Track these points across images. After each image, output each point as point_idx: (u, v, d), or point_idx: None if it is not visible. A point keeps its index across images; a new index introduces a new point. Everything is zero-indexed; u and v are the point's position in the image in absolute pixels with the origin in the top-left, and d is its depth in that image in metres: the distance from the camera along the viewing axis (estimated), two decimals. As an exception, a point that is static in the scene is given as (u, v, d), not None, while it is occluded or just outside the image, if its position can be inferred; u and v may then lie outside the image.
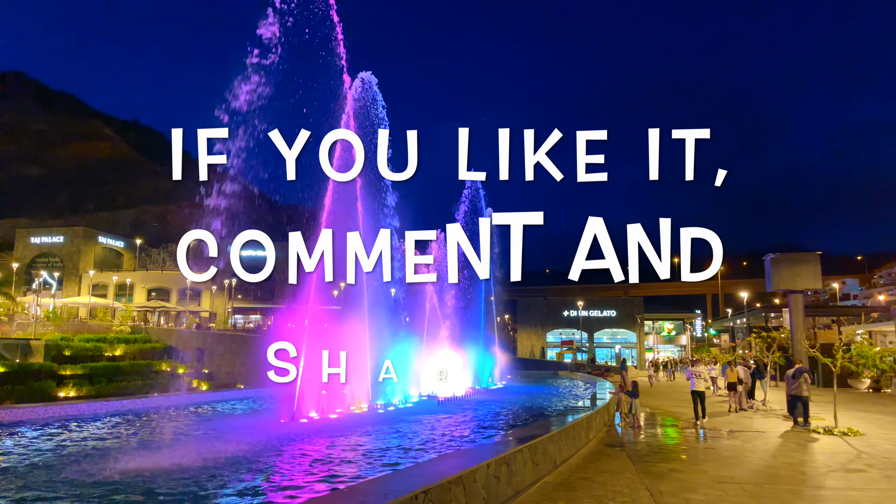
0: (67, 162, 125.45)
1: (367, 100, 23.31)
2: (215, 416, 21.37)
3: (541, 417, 19.67)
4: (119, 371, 42.58)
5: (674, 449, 14.60)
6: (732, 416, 21.73)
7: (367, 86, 23.48)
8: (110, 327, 56.99)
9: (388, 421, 19.13)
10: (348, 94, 22.85)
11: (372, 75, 23.94)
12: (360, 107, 23.11)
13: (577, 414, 14.52)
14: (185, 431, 16.76)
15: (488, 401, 27.78)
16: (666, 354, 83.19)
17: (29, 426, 17.04)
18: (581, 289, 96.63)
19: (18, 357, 39.18)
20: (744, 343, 59.85)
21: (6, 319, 54.35)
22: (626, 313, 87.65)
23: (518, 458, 9.00)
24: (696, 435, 17.09)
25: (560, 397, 31.02)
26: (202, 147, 10.24)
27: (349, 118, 22.17)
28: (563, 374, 56.04)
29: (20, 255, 79.14)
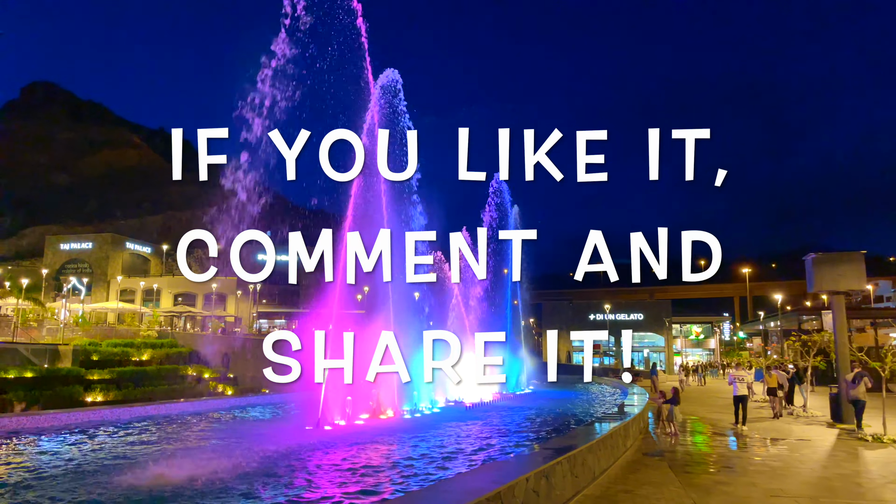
0: (96, 170, 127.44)
1: (391, 98, 22.97)
2: (239, 422, 21.08)
3: (575, 425, 19.04)
4: (146, 376, 42.72)
5: (717, 458, 13.88)
6: (773, 422, 20.90)
7: (390, 84, 23.15)
8: (138, 332, 57.41)
9: (416, 428, 18.62)
10: (373, 94, 22.55)
11: (396, 73, 23.60)
12: (385, 104, 22.78)
13: (613, 421, 13.87)
14: (207, 440, 16.40)
15: (517, 407, 27.11)
16: (694, 358, 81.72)
17: (53, 433, 16.87)
18: (605, 292, 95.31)
19: (47, 362, 39.45)
20: (777, 347, 58.33)
21: (35, 325, 54.99)
22: (654, 316, 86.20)
23: (557, 470, 8.43)
24: (737, 442, 16.33)
25: (590, 403, 30.26)
26: (202, 147, 9.94)
27: (373, 117, 21.86)
28: (591, 379, 55.01)
29: (50, 262, 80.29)
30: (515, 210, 40.80)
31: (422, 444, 15.67)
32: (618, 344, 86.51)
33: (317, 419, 17.71)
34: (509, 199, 39.82)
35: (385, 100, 23.32)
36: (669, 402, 16.86)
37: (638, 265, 9.21)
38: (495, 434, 17.99)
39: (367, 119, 22.61)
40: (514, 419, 22.40)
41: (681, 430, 17.66)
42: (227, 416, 22.97)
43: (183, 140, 10.64)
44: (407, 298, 23.43)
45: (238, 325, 70.87)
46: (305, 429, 17.54)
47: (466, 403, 25.84)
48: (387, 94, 23.47)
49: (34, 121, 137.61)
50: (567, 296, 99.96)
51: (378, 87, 22.85)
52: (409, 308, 23.86)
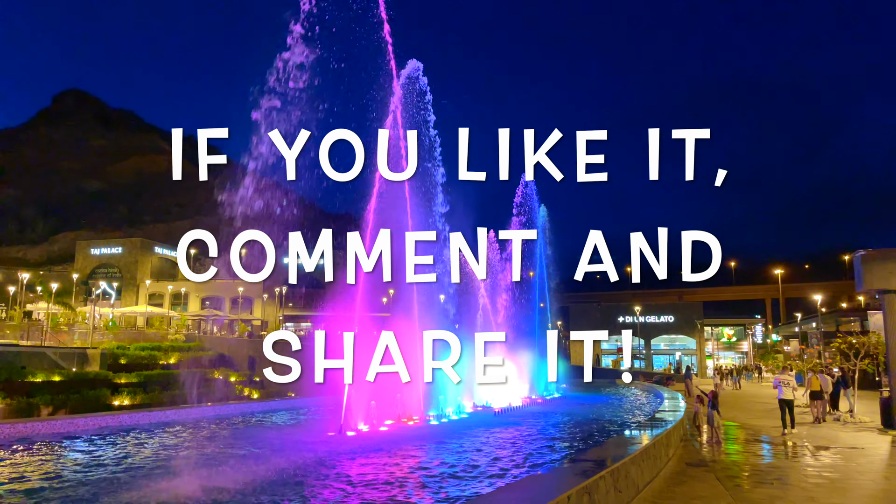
0: (126, 176, 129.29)
1: (415, 96, 22.42)
2: (262, 428, 20.56)
3: (611, 432, 18.13)
4: (173, 379, 42.63)
5: (766, 469, 12.93)
6: (818, 428, 19.81)
7: (413, 82, 22.60)
8: (165, 336, 57.67)
9: (443, 435, 17.88)
10: (395, 92, 22.02)
11: (420, 73, 23.02)
12: (407, 103, 22.23)
13: (653, 428, 13.01)
14: (229, 447, 15.84)
15: (548, 412, 26.22)
16: (726, 361, 79.75)
17: (73, 438, 16.53)
18: (633, 294, 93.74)
19: (75, 366, 39.60)
20: (817, 349, 56.42)
21: (66, 329, 55.54)
22: (685, 319, 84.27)
23: (601, 485, 7.68)
24: (785, 451, 15.34)
25: (624, 408, 29.23)
26: (202, 147, 9.91)
27: (396, 115, 21.32)
28: (621, 383, 53.64)
29: (80, 266, 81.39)
30: (543, 211, 39.96)
31: (448, 453, 14.92)
32: (647, 347, 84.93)
33: (339, 425, 17.10)
34: (537, 199, 39.04)
35: (410, 101, 22.84)
36: (709, 406, 15.89)
37: (638, 265, 9.18)
38: (527, 442, 17.19)
39: (389, 119, 22.18)
40: (545, 426, 21.55)
41: (722, 437, 16.70)
42: (252, 420, 22.54)
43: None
44: (432, 301, 22.79)
45: (265, 328, 70.95)
46: (328, 435, 16.97)
47: (494, 408, 25.04)
48: (412, 93, 22.99)
49: (66, 128, 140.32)
50: (594, 298, 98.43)
51: (403, 78, 22.32)
52: (435, 310, 23.20)
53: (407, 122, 21.93)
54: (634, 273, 9.26)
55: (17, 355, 36.93)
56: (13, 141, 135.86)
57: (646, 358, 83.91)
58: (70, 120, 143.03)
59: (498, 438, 17.73)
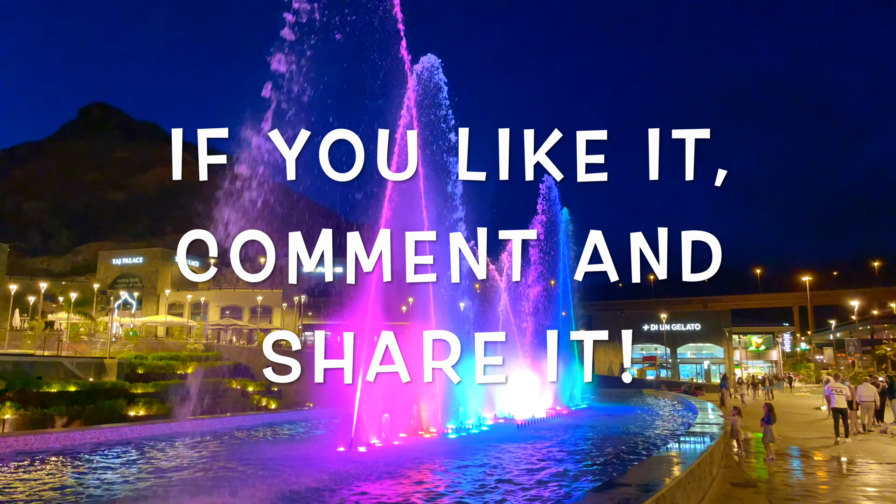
0: (149, 187, 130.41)
1: (431, 94, 21.63)
2: (269, 441, 19.48)
3: (649, 449, 16.82)
4: (189, 389, 42.07)
5: (823, 491, 11.66)
6: (862, 441, 18.43)
7: (428, 79, 21.80)
8: (185, 345, 57.33)
9: (462, 451, 16.69)
10: (410, 89, 21.22)
11: (441, 76, 22.22)
12: (422, 103, 21.48)
13: (695, 445, 11.84)
14: (222, 465, 14.62)
15: (574, 424, 24.84)
16: (754, 370, 77.51)
17: (78, 452, 15.75)
18: (657, 302, 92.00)
19: (92, 376, 39.21)
20: (854, 357, 54.33)
21: (86, 339, 55.43)
22: (712, 326, 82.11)
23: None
24: (838, 467, 14.05)
25: (655, 420, 27.78)
26: (202, 147, 10.20)
27: (411, 112, 20.56)
28: (648, 393, 51.94)
29: (102, 277, 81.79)
30: (565, 213, 38.78)
31: (467, 473, 13.73)
32: (673, 356, 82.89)
33: (349, 439, 16.01)
34: (559, 200, 37.91)
35: (426, 102, 22.15)
36: (764, 421, 14.61)
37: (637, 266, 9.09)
38: (554, 460, 15.90)
39: (402, 118, 21.49)
40: (573, 440, 20.24)
41: (774, 455, 15.41)
42: (264, 433, 21.64)
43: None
44: (451, 308, 21.77)
45: (283, 337, 70.37)
46: (338, 450, 15.91)
47: (517, 420, 23.80)
48: (429, 93, 22.25)
49: (91, 140, 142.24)
50: (617, 306, 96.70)
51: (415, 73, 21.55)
52: (455, 318, 22.13)
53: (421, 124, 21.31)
54: (634, 273, 9.16)
55: (32, 365, 36.60)
56: (39, 153, 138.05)
57: (672, 367, 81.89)
58: (95, 132, 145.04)
59: (522, 454, 16.48)
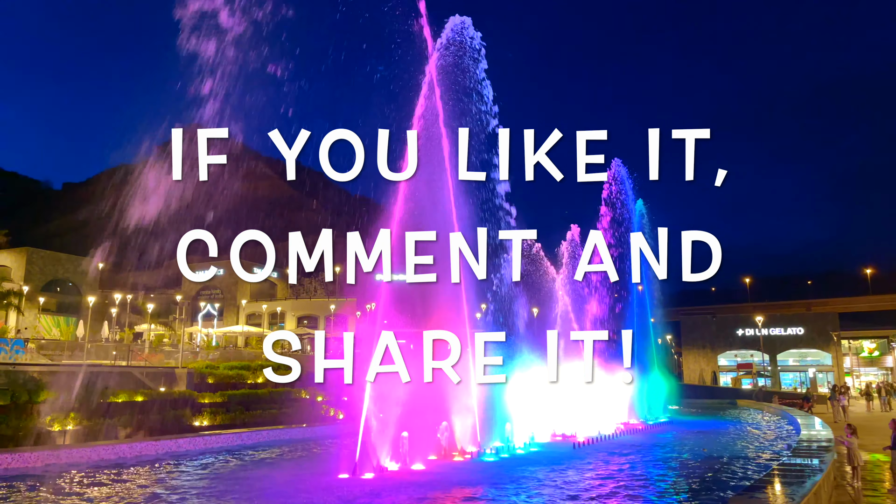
0: (233, 203, 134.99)
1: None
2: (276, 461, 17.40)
3: (735, 482, 13.54)
4: (257, 399, 41.78)
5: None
6: None
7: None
8: (260, 355, 57.66)
9: (496, 479, 13.88)
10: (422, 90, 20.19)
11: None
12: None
13: (797, 478, 9.10)
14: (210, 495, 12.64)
15: (648, 444, 21.56)
16: (868, 379, 70.22)
17: (122, 466, 14.62)
18: (754, 306, 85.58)
19: (162, 385, 39.40)
20: None
21: (169, 348, 56.68)
22: (817, 330, 75.04)
23: None
24: None
25: (747, 438, 24.10)
26: (202, 147, 10.28)
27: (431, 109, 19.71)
28: (744, 404, 46.90)
29: (186, 289, 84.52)
30: (639, 205, 35.62)
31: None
32: (773, 363, 76.35)
33: (353, 463, 13.40)
34: (632, 197, 34.88)
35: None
36: (894, 447, 11.58)
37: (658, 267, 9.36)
38: (597, 497, 12.84)
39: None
40: (642, 466, 17.01)
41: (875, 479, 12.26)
42: (314, 449, 20.00)
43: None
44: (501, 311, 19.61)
45: (358, 346, 70.06)
46: (339, 477, 13.48)
47: (578, 439, 20.59)
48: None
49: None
50: (708, 311, 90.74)
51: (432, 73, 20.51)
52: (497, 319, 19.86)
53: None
54: (634, 274, 9.11)
55: (100, 375, 37.05)
56: (131, 174, 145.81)
57: (772, 375, 75.49)
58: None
59: (570, 485, 13.45)
